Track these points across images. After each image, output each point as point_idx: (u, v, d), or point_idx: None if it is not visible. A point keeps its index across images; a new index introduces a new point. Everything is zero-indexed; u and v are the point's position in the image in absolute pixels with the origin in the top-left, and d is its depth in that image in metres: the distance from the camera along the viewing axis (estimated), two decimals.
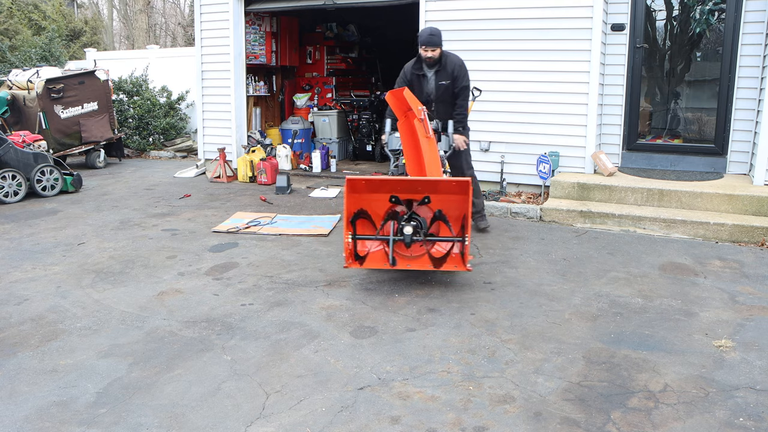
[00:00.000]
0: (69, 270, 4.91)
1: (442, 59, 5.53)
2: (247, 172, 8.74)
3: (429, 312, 4.02)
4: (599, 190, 6.47)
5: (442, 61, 5.53)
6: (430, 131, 4.67)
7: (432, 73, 5.58)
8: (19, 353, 3.48)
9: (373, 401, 2.95)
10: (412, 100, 4.68)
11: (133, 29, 24.40)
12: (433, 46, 5.41)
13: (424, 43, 5.41)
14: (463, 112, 5.62)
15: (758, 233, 5.52)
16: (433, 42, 5.40)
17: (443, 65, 5.53)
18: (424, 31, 5.48)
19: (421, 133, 4.62)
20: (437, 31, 5.46)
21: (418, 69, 5.62)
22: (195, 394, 3.03)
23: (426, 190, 4.31)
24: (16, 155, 7.50)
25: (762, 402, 2.93)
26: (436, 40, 5.41)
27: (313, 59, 10.87)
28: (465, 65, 5.60)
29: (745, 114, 6.59)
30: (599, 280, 4.63)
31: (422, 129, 4.63)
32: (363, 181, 4.23)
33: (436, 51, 5.44)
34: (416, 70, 5.63)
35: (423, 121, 4.63)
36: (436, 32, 5.44)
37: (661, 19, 7.19)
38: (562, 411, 2.86)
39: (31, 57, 13.04)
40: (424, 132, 4.63)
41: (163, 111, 11.86)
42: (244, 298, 4.29)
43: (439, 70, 5.55)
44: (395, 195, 4.34)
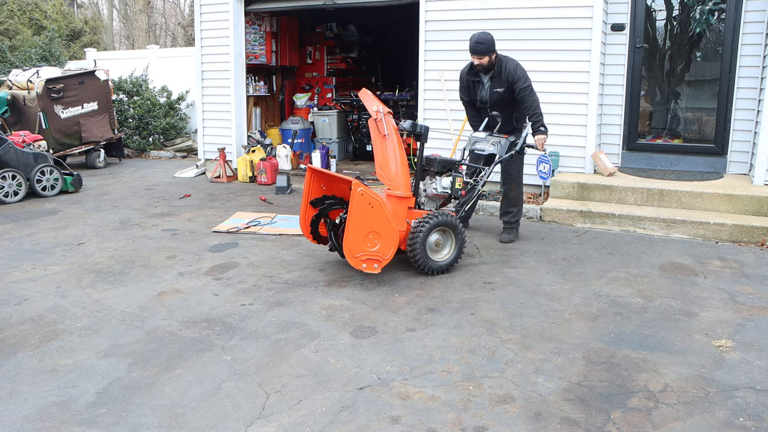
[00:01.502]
0: (69, 270, 4.91)
1: (496, 65, 5.29)
2: (247, 172, 8.74)
3: (429, 312, 4.02)
4: (599, 190, 6.47)
5: (496, 68, 5.29)
6: (386, 130, 4.56)
7: (487, 79, 5.39)
8: (19, 353, 3.48)
9: (373, 401, 2.95)
10: (369, 100, 4.63)
11: (133, 29, 24.40)
12: (479, 55, 5.19)
13: (471, 51, 5.22)
14: (536, 111, 5.26)
15: (758, 233, 5.52)
16: (479, 50, 5.17)
17: (498, 72, 5.30)
18: (472, 38, 5.22)
19: (374, 133, 4.61)
20: (485, 39, 5.17)
21: (473, 75, 5.46)
22: (195, 394, 3.03)
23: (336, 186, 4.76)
24: (16, 155, 7.50)
25: (762, 402, 2.93)
26: (483, 49, 5.15)
27: (313, 59, 10.87)
28: (521, 67, 5.29)
29: (745, 114, 6.59)
30: (599, 280, 4.63)
31: (374, 129, 4.59)
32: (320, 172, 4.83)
33: (484, 59, 5.20)
34: (471, 75, 5.48)
35: (376, 122, 4.57)
36: (483, 39, 5.16)
37: (661, 19, 7.19)
38: (562, 411, 2.86)
39: (31, 57, 13.05)
40: (377, 132, 4.58)
41: (163, 111, 11.86)
42: (244, 298, 4.29)
43: (494, 76, 5.33)
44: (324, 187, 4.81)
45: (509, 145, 5.29)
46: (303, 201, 4.81)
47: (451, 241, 4.76)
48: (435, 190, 5.10)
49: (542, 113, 5.31)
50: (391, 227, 4.37)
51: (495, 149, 5.31)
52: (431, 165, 5.07)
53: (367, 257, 4.33)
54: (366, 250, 4.30)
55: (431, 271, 4.64)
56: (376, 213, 4.26)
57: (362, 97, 4.69)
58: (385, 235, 4.34)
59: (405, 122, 4.79)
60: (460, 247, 4.77)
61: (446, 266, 4.72)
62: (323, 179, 4.84)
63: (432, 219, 4.56)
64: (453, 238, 4.75)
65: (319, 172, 4.79)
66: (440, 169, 5.06)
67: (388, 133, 4.57)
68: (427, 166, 5.09)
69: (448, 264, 4.73)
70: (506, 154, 5.26)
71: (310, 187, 4.80)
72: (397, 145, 4.61)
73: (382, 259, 4.38)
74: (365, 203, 4.22)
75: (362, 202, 4.21)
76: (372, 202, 4.24)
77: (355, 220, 4.21)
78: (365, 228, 4.25)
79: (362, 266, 4.33)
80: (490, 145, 5.35)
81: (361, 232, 4.25)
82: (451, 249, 4.76)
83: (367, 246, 4.29)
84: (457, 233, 4.74)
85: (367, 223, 4.25)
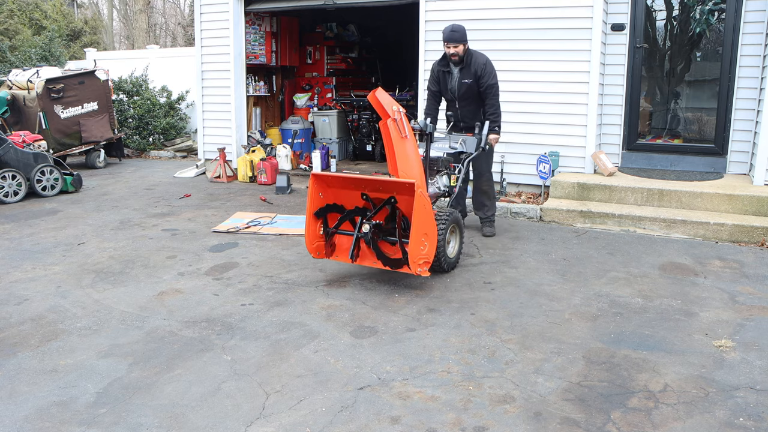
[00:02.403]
0: (69, 270, 4.91)
1: (466, 57, 5.43)
2: (247, 172, 8.74)
3: (429, 312, 4.02)
4: (599, 190, 6.47)
5: (466, 60, 5.43)
6: (406, 131, 4.51)
7: (457, 70, 5.51)
8: (19, 353, 3.48)
9: (373, 401, 2.95)
10: (385, 100, 4.53)
11: (133, 29, 24.40)
12: (454, 43, 5.32)
13: (445, 40, 5.35)
14: (496, 112, 5.51)
15: (758, 233, 5.52)
16: (454, 38, 5.31)
17: (467, 63, 5.44)
18: (447, 28, 5.38)
19: (394, 134, 4.49)
20: (459, 28, 5.35)
21: (444, 65, 5.58)
22: (195, 394, 3.03)
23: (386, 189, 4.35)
24: (16, 155, 7.50)
25: (762, 402, 2.93)
26: (458, 36, 5.31)
27: (313, 59, 10.87)
28: (491, 64, 5.48)
29: (745, 114, 6.59)
30: (599, 280, 4.63)
31: (395, 130, 4.49)
32: (330, 177, 4.46)
33: (459, 47, 5.34)
34: (442, 66, 5.59)
35: (397, 122, 4.49)
36: (458, 28, 5.34)
37: (661, 19, 7.19)
38: (562, 411, 2.86)
39: (31, 57, 13.05)
40: (398, 133, 4.49)
41: (163, 111, 11.86)
42: (244, 298, 4.29)
43: (464, 68, 5.47)
44: (365, 193, 4.41)
45: (477, 142, 5.36)
46: (307, 214, 4.43)
47: (456, 237, 4.86)
48: (438, 190, 5.15)
49: (501, 114, 5.58)
50: (435, 228, 4.29)
51: (464, 147, 5.39)
52: (436, 164, 5.16)
53: (423, 260, 4.18)
54: (421, 253, 4.15)
55: (448, 266, 4.70)
56: (428, 214, 4.15)
57: (379, 96, 4.53)
58: (431, 236, 4.23)
59: (419, 122, 4.97)
60: (461, 243, 4.92)
61: (456, 261, 4.83)
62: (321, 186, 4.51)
63: (449, 215, 4.63)
64: (458, 234, 4.88)
65: (322, 177, 4.49)
66: (442, 168, 5.18)
67: (408, 134, 4.52)
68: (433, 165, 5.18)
69: (456, 259, 4.82)
70: (475, 151, 5.36)
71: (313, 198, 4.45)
72: (415, 146, 4.59)
73: (429, 260, 4.27)
74: (423, 206, 4.06)
75: (421, 205, 4.04)
76: (426, 204, 4.12)
77: (418, 223, 4.04)
78: (422, 231, 4.11)
79: (419, 270, 4.16)
80: (459, 143, 5.42)
81: (420, 235, 4.09)
82: (456, 245, 4.86)
83: (421, 249, 4.14)
84: (462, 229, 4.92)
85: (423, 226, 4.11)
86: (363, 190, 4.42)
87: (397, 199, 4.33)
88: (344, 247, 4.58)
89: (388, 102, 4.50)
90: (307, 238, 4.43)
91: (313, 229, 4.47)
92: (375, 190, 4.40)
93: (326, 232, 4.53)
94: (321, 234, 4.52)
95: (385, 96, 4.50)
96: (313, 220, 4.44)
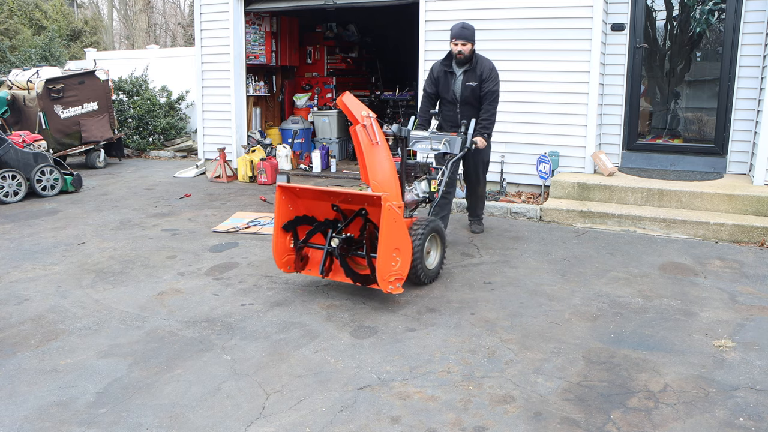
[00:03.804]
0: (69, 270, 4.91)
1: (473, 59, 5.30)
2: (247, 172, 8.74)
3: (429, 312, 4.02)
4: (599, 190, 6.47)
5: (473, 61, 5.30)
6: (377, 137, 4.25)
7: (461, 72, 5.36)
8: (19, 353, 3.48)
9: (373, 401, 2.95)
10: (353, 105, 4.29)
11: (133, 29, 24.40)
12: (463, 40, 5.18)
13: (454, 36, 5.20)
14: (490, 118, 5.33)
15: (758, 233, 5.52)
16: (464, 35, 5.17)
17: (473, 66, 5.29)
18: (456, 25, 5.25)
19: (364, 141, 4.25)
20: (470, 26, 5.24)
21: (447, 66, 5.40)
22: (195, 394, 3.03)
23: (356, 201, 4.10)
24: (16, 155, 7.50)
25: (762, 402, 2.93)
26: (467, 34, 5.18)
27: (313, 59, 10.87)
28: (496, 71, 5.35)
29: (745, 114, 6.59)
30: (599, 280, 4.63)
31: (365, 136, 4.24)
32: (298, 188, 4.19)
33: (467, 46, 5.21)
34: (445, 66, 5.41)
35: (366, 128, 4.24)
36: (468, 26, 5.22)
37: (661, 19, 7.19)
38: (562, 411, 2.86)
39: (31, 57, 13.05)
40: (368, 139, 4.25)
41: (163, 111, 11.86)
42: (244, 298, 4.29)
43: (468, 70, 5.32)
44: (336, 204, 4.18)
45: (462, 143, 5.08)
46: (275, 227, 4.23)
47: (436, 246, 4.60)
48: (417, 197, 4.87)
49: (494, 123, 5.42)
50: (409, 241, 4.06)
51: (448, 148, 5.09)
52: (413, 170, 4.89)
53: (394, 277, 3.97)
54: (392, 269, 3.93)
55: (428, 279, 4.45)
56: (398, 227, 3.92)
57: (347, 101, 4.26)
58: (404, 250, 4.01)
59: (392, 127, 4.63)
60: (443, 251, 4.66)
61: (437, 273, 4.59)
62: (290, 198, 4.29)
63: (427, 225, 4.36)
64: (439, 242, 4.60)
65: (290, 189, 4.23)
66: (420, 173, 4.93)
67: (379, 140, 4.29)
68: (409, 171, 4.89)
69: (437, 270, 4.58)
70: (459, 151, 5.06)
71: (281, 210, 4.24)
72: (388, 153, 4.34)
73: (403, 275, 4.04)
74: (392, 219, 3.83)
75: (390, 218, 3.81)
76: (396, 216, 3.88)
77: (387, 238, 3.81)
78: (392, 245, 3.88)
79: (390, 288, 3.94)
80: (441, 144, 5.11)
81: (390, 250, 3.87)
82: (437, 254, 4.60)
83: (392, 265, 3.92)
84: (443, 238, 4.63)
85: (393, 240, 3.88)
86: (333, 201, 4.19)
87: (369, 211, 4.08)
88: (317, 260, 4.36)
89: (356, 107, 4.29)
90: (275, 251, 4.24)
91: (282, 243, 4.26)
92: (345, 202, 4.17)
93: (296, 246, 4.31)
94: (291, 247, 4.30)
95: (353, 101, 4.31)
96: (282, 233, 4.24)
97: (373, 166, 4.27)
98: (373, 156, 4.27)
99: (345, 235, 4.13)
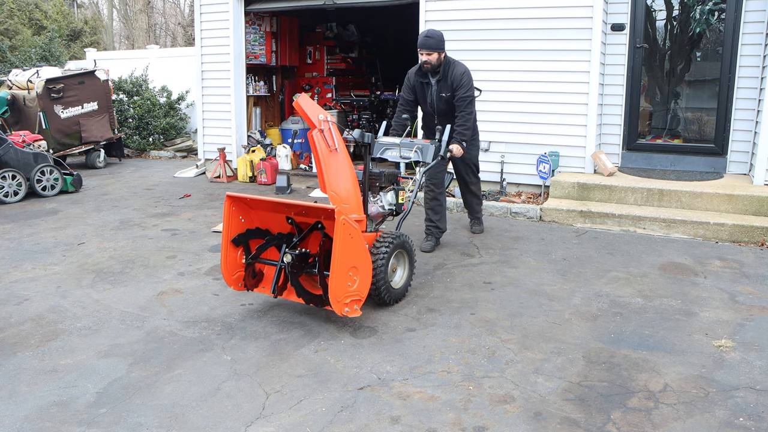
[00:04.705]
0: (69, 270, 4.91)
1: (444, 68, 5.01)
2: (247, 172, 8.74)
3: (429, 312, 4.02)
4: (599, 190, 6.47)
5: (443, 70, 5.01)
6: (335, 143, 3.94)
7: (434, 82, 5.10)
8: (19, 353, 3.48)
9: (373, 401, 2.95)
10: (309, 108, 4.00)
11: (133, 29, 24.40)
12: (428, 50, 4.88)
13: (419, 46, 4.92)
14: (465, 124, 4.99)
15: (758, 233, 5.52)
16: (428, 45, 4.87)
17: (444, 74, 5.02)
18: (421, 33, 4.96)
19: (321, 147, 3.92)
20: (435, 33, 4.91)
21: (421, 76, 5.15)
22: (195, 394, 3.03)
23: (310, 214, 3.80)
24: (16, 155, 7.50)
25: (762, 402, 2.93)
26: (432, 43, 4.86)
27: (313, 59, 10.87)
28: (469, 75, 5.03)
29: (745, 114, 6.59)
30: (599, 280, 4.63)
31: (322, 142, 3.93)
32: (250, 199, 3.86)
33: (432, 56, 4.91)
34: (420, 77, 5.16)
35: (324, 133, 3.94)
36: (433, 34, 4.89)
37: (661, 19, 7.19)
38: (562, 411, 2.86)
39: (31, 57, 13.05)
40: (326, 145, 3.93)
41: (163, 111, 11.86)
42: (244, 298, 4.29)
43: (441, 79, 5.05)
44: (290, 216, 3.88)
45: (435, 150, 4.69)
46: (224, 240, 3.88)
47: (404, 262, 4.23)
48: (382, 209, 4.49)
49: (470, 129, 5.07)
50: (368, 258, 3.70)
51: (420, 156, 4.69)
52: (378, 179, 4.51)
53: (351, 298, 3.61)
54: (348, 290, 3.58)
55: (392, 300, 4.07)
56: (355, 244, 3.57)
57: (302, 103, 3.98)
58: (362, 269, 3.66)
59: (353, 132, 4.27)
60: (412, 269, 4.28)
61: (404, 292, 4.20)
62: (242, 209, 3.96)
63: (392, 241, 4.00)
64: (406, 259, 4.23)
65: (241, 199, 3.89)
66: (386, 183, 4.55)
67: (338, 146, 3.95)
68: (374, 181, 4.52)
69: (404, 289, 4.20)
70: (432, 159, 4.67)
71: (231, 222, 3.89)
72: (348, 160, 3.99)
73: (361, 296, 3.69)
74: (347, 235, 3.50)
75: (345, 234, 3.47)
76: (351, 232, 3.53)
77: (341, 255, 3.46)
78: (348, 264, 3.53)
79: (345, 311, 3.58)
80: (413, 151, 4.71)
81: (345, 269, 3.52)
82: (404, 272, 4.23)
83: (348, 285, 3.57)
84: (412, 254, 4.25)
85: (349, 258, 3.53)
86: (287, 214, 3.88)
87: (325, 225, 3.74)
88: (271, 277, 3.98)
89: (313, 110, 3.98)
90: (223, 267, 3.90)
91: (233, 258, 3.91)
92: (300, 214, 3.86)
93: (247, 261, 3.94)
94: (243, 263, 3.96)
95: (309, 103, 4.02)
96: (232, 247, 3.89)
97: (331, 175, 3.92)
98: (331, 164, 3.93)
99: (300, 251, 3.77)
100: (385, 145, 4.82)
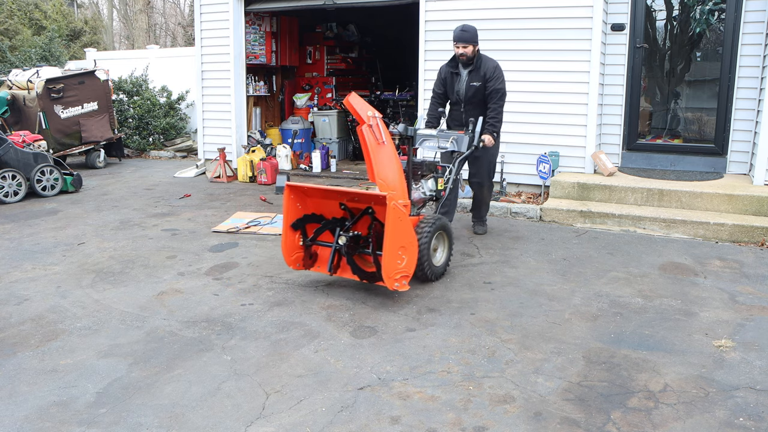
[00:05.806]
0: (69, 270, 4.91)
1: (476, 60, 5.39)
2: (247, 172, 8.74)
3: (429, 312, 4.02)
4: (599, 190, 6.47)
5: (476, 62, 5.39)
6: (383, 137, 4.33)
7: (466, 72, 5.46)
8: (19, 353, 3.48)
9: (373, 401, 2.95)
10: (359, 105, 4.35)
11: (133, 29, 24.40)
12: (464, 43, 5.28)
13: (455, 39, 5.31)
14: (497, 116, 5.40)
15: (758, 233, 5.52)
16: (464, 38, 5.27)
17: (477, 66, 5.39)
18: (457, 28, 5.36)
19: (370, 140, 4.32)
20: (470, 28, 5.32)
21: (453, 67, 5.52)
22: (195, 394, 3.03)
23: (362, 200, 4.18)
24: (16, 155, 7.50)
25: (762, 402, 2.93)
26: (468, 36, 5.27)
27: (313, 59, 10.87)
28: (501, 69, 5.43)
29: (745, 114, 6.59)
30: (599, 280, 4.63)
31: (371, 136, 4.32)
32: (306, 188, 4.30)
33: (468, 48, 5.30)
34: (451, 67, 5.53)
35: (372, 128, 4.32)
36: (468, 28, 5.31)
37: (661, 19, 7.19)
38: (562, 411, 2.86)
39: (31, 57, 13.05)
40: (374, 139, 4.32)
41: (163, 111, 11.86)
42: (244, 298, 4.30)
43: (473, 70, 5.41)
44: (343, 202, 4.28)
45: (469, 141, 5.12)
46: (284, 225, 4.34)
47: (444, 243, 4.67)
48: (423, 195, 4.94)
49: (501, 122, 5.46)
50: (415, 239, 4.15)
51: (455, 146, 5.16)
52: (420, 168, 4.99)
53: (400, 274, 4.05)
54: (398, 267, 4.01)
55: (434, 276, 4.52)
56: (404, 225, 4.00)
57: (353, 101, 4.33)
58: (410, 248, 4.09)
59: (398, 126, 4.74)
60: (450, 249, 4.73)
61: (443, 270, 4.66)
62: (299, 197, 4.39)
63: (434, 223, 4.44)
64: (446, 240, 4.67)
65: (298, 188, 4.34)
66: (427, 171, 5.02)
67: (385, 140, 4.36)
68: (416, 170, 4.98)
69: (443, 267, 4.65)
70: (467, 149, 5.12)
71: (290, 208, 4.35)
72: (393, 152, 4.42)
73: (409, 273, 4.12)
74: (397, 218, 3.92)
75: (395, 217, 3.90)
76: (401, 215, 3.96)
77: (392, 237, 3.89)
78: (398, 244, 3.96)
79: (396, 285, 4.01)
80: (449, 142, 5.17)
81: (395, 248, 3.95)
82: (444, 251, 4.67)
83: (398, 263, 4.00)
84: (450, 235, 4.70)
85: (399, 239, 3.96)
86: (341, 200, 4.29)
87: (375, 209, 4.19)
88: (325, 257, 4.44)
89: (362, 107, 4.34)
90: (284, 249, 4.35)
91: (292, 240, 4.36)
92: (352, 201, 4.28)
93: (305, 244, 4.40)
94: (301, 245, 4.40)
95: (359, 101, 4.36)
96: (291, 231, 4.34)
97: (379, 165, 4.36)
98: (379, 155, 4.36)
99: (352, 233, 4.21)
100: (423, 137, 5.25)
